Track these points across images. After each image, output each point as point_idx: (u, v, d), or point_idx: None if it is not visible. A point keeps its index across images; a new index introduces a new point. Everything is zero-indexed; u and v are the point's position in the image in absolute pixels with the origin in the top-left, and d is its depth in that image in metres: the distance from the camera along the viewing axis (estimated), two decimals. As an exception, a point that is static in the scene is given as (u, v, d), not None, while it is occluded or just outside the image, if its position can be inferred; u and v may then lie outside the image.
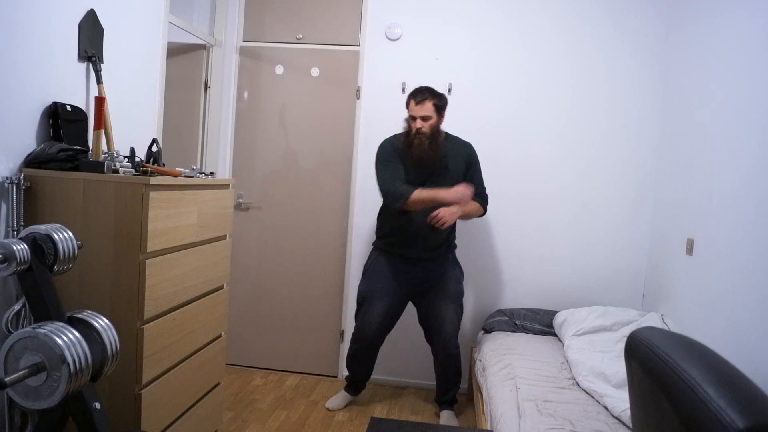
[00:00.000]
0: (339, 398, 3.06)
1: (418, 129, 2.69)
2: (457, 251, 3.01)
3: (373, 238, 3.01)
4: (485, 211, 2.91)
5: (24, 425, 1.72)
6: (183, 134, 3.39)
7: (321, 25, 3.45)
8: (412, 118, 2.73)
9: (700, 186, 2.61)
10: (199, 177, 2.24)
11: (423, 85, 2.83)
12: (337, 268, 3.50)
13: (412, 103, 2.73)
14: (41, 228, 1.54)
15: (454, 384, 2.97)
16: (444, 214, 2.60)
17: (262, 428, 2.76)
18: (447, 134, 2.85)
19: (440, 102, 2.75)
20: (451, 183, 2.67)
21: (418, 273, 2.85)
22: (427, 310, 2.91)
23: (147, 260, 1.79)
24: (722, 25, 2.53)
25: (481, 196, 2.85)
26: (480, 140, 3.27)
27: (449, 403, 2.97)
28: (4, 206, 1.77)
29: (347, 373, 3.12)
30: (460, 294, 2.93)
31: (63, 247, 1.55)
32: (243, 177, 3.52)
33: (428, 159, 2.71)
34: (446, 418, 2.91)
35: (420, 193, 2.62)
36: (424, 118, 2.69)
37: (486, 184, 2.93)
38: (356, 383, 3.08)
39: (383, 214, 2.92)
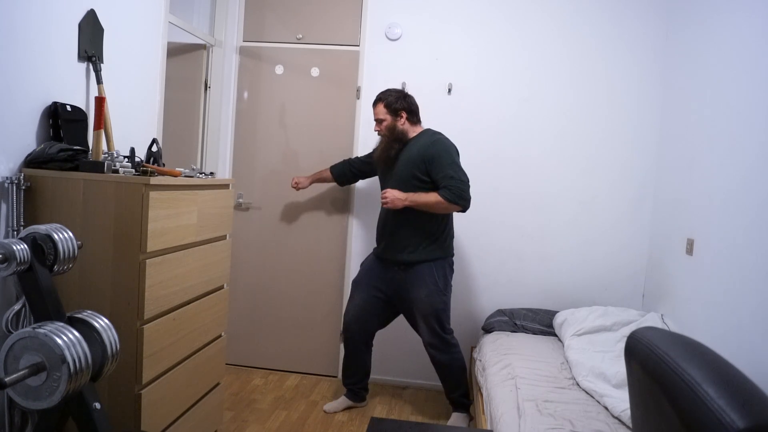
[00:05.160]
0: (337, 402, 3.04)
1: (377, 132, 2.87)
2: (457, 251, 2.99)
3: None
4: (462, 207, 2.67)
5: (24, 425, 1.72)
6: (183, 134, 3.38)
7: (321, 25, 3.45)
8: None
9: (700, 186, 2.61)
10: (199, 177, 2.24)
11: (392, 87, 2.93)
12: (337, 268, 3.50)
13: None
14: (41, 228, 1.54)
15: (452, 385, 2.92)
16: (389, 194, 2.72)
17: (262, 428, 2.76)
18: (426, 131, 2.85)
19: (393, 103, 2.79)
20: (396, 180, 2.78)
21: (389, 278, 2.87)
22: (408, 319, 2.96)
23: (147, 260, 1.80)
24: (722, 25, 2.53)
25: (449, 189, 2.63)
26: (480, 140, 3.29)
27: (459, 404, 2.94)
28: (4, 206, 1.77)
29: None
30: (435, 309, 2.78)
31: (63, 247, 1.55)
32: (243, 177, 3.52)
33: (381, 159, 2.87)
34: (453, 419, 2.91)
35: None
36: (379, 122, 2.84)
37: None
38: (350, 384, 3.05)
39: None
